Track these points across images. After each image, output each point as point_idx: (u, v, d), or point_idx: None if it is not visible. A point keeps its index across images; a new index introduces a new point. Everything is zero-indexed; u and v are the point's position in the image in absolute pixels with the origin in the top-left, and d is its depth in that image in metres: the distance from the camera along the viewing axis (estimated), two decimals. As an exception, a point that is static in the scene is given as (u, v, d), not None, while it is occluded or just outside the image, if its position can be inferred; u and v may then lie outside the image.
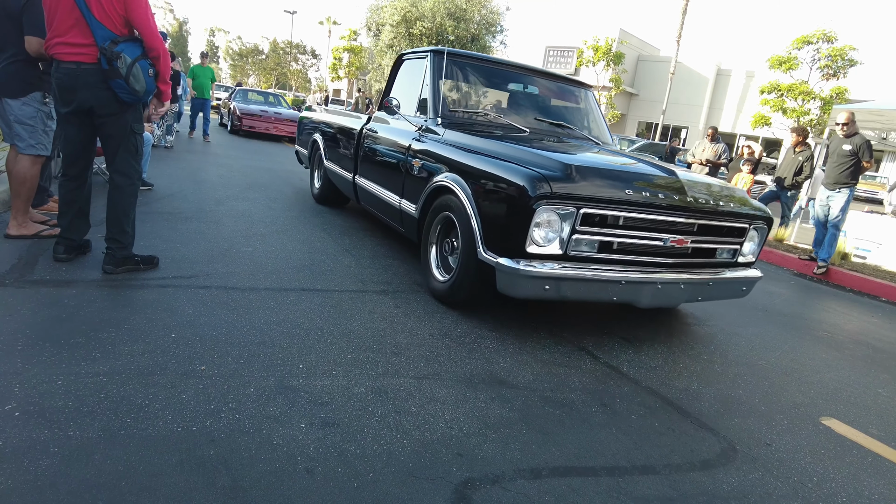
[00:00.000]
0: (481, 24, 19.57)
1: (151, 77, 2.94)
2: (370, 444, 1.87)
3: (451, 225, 3.29)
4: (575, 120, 4.58)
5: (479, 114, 4.17)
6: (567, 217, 2.70)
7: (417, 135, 3.88)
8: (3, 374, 1.94)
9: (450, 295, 3.26)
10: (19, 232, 3.43)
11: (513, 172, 2.81)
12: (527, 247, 2.70)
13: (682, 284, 3.03)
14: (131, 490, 1.50)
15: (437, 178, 3.36)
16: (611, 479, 1.89)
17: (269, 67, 53.36)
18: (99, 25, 2.81)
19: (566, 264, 2.75)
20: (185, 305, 2.77)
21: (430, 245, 3.52)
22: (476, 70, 4.35)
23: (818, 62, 22.53)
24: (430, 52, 4.18)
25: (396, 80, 4.71)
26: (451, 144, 3.48)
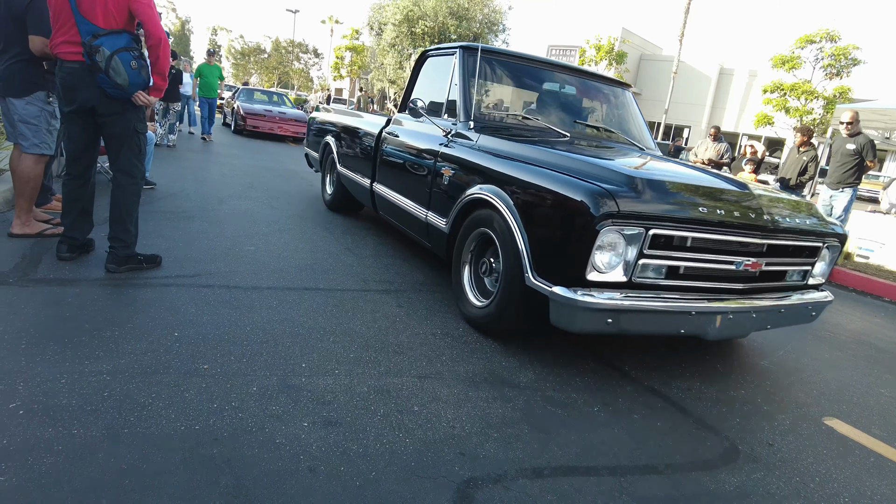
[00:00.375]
0: (483, 23, 19.56)
1: (135, 69, 2.84)
2: (373, 443, 1.87)
3: (489, 243, 2.98)
4: (616, 123, 4.23)
5: (513, 116, 3.81)
6: (634, 239, 2.34)
7: (446, 140, 3.53)
8: (7, 373, 1.95)
9: (489, 323, 2.89)
10: (23, 231, 3.44)
11: (570, 186, 2.44)
12: (587, 273, 2.34)
13: (753, 312, 2.68)
14: (135, 489, 1.51)
15: (472, 191, 3.03)
16: (613, 479, 1.89)
17: (272, 66, 53.40)
18: (83, 20, 2.79)
19: (630, 293, 2.41)
20: (187, 304, 2.78)
21: (463, 265, 3.18)
22: (510, 68, 3.97)
23: (821, 61, 22.48)
24: (459, 49, 3.79)
25: (419, 79, 4.32)
26: (488, 151, 3.12)
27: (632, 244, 2.36)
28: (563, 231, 2.45)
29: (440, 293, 3.57)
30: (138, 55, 2.88)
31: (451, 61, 3.83)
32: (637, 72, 31.87)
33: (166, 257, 3.41)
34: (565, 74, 4.14)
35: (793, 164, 7.80)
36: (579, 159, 2.73)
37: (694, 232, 2.44)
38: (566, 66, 4.25)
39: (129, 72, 2.82)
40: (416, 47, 19.12)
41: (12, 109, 3.35)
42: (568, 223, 2.41)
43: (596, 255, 2.34)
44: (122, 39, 2.83)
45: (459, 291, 3.19)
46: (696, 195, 2.56)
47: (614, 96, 4.33)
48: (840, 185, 6.46)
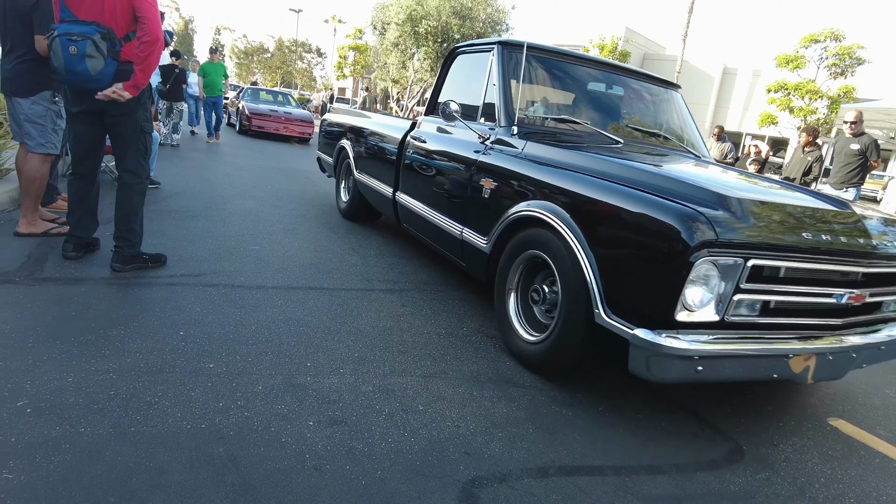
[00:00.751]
0: (487, 23, 19.55)
1: (74, 55, 2.74)
2: (378, 443, 1.88)
3: (540, 266, 2.66)
4: (667, 127, 3.83)
5: (559, 120, 3.35)
6: (731, 271, 1.99)
7: (483, 147, 3.16)
8: (15, 371, 1.96)
9: (544, 361, 2.52)
10: (29, 230, 3.46)
11: (657, 208, 2.04)
12: (676, 313, 1.97)
13: (853, 352, 2.30)
14: (142, 487, 1.52)
15: (521, 207, 2.68)
16: (618, 479, 1.89)
17: (275, 66, 53.48)
18: (67, 14, 2.78)
19: (722, 335, 2.06)
20: (193, 303, 2.79)
21: (509, 291, 2.81)
22: (552, 66, 3.49)
23: (826, 61, 22.42)
24: (497, 45, 3.38)
25: (448, 79, 3.92)
26: (538, 161, 2.75)
27: (728, 277, 2.00)
28: (647, 262, 2.06)
29: (444, 293, 3.58)
30: (92, 46, 2.75)
31: (487, 59, 3.42)
32: (640, 71, 31.80)
33: (171, 256, 3.42)
34: (613, 73, 3.74)
35: (797, 164, 7.78)
36: (659, 174, 2.31)
37: (797, 261, 2.10)
38: (614, 65, 3.82)
39: (65, 56, 2.74)
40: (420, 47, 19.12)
41: (18, 109, 3.37)
42: (655, 252, 2.03)
43: (687, 292, 1.97)
44: (82, 27, 2.76)
45: (504, 321, 2.82)
46: (799, 217, 2.21)
47: (664, 98, 3.94)
48: (844, 186, 6.44)
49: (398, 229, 5.08)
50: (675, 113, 3.93)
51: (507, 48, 3.35)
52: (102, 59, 2.79)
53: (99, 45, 2.77)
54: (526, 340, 2.66)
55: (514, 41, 3.39)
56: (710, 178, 2.56)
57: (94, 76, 2.80)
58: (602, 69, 3.72)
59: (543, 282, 2.66)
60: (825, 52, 22.31)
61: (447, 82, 3.94)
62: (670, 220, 1.98)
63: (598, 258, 2.24)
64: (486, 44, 3.53)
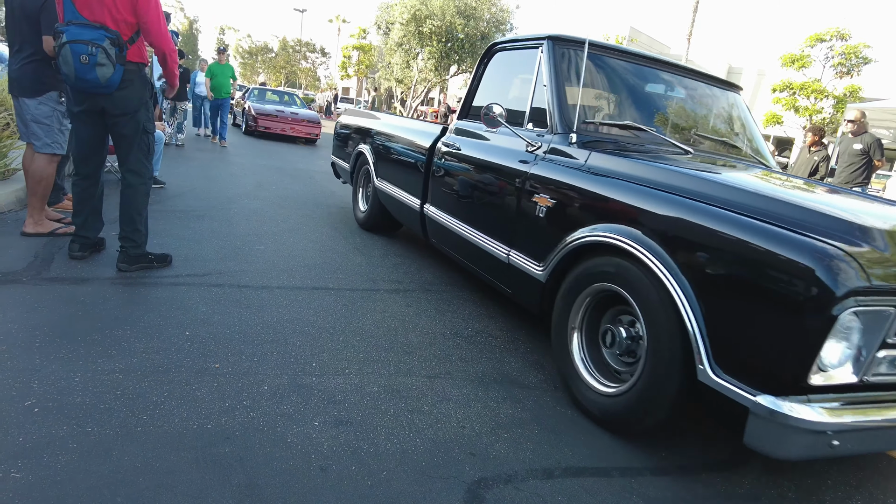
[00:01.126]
0: (491, 23, 19.54)
1: (85, 64, 2.75)
2: (383, 443, 1.88)
3: (612, 301, 2.27)
4: (732, 133, 3.46)
5: (621, 127, 2.90)
6: (879, 322, 1.63)
7: (533, 156, 2.76)
8: (22, 371, 1.97)
9: (627, 419, 2.10)
10: (35, 230, 3.48)
11: (786, 244, 1.64)
12: (810, 375, 1.60)
13: None
14: (149, 486, 1.52)
15: (589, 231, 2.27)
16: (623, 480, 1.89)
17: (279, 66, 53.57)
18: (74, 14, 2.78)
19: (859, 398, 1.71)
20: (198, 303, 2.80)
21: (572, 331, 2.39)
22: (607, 65, 3.04)
23: (831, 60, 22.31)
24: (547, 41, 2.95)
25: (485, 79, 3.53)
26: (609, 175, 2.32)
27: (874, 330, 1.63)
28: (775, 311, 1.66)
29: (449, 293, 3.58)
30: (103, 54, 2.77)
31: (534, 56, 3.01)
32: (645, 71, 31.76)
33: (177, 256, 3.43)
34: (674, 74, 3.30)
35: (803, 165, 7.75)
36: (775, 197, 1.86)
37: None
38: (674, 64, 3.35)
39: (76, 65, 2.75)
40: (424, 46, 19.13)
41: (25, 109, 3.38)
42: (786, 301, 1.63)
43: (827, 349, 1.59)
44: (91, 33, 2.76)
45: (566, 366, 2.40)
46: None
47: (726, 100, 3.54)
48: (849, 186, 6.41)
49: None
50: (737, 117, 3.54)
51: (558, 44, 2.93)
52: (112, 66, 2.82)
53: (109, 52, 2.79)
54: (598, 392, 2.22)
55: (568, 36, 2.97)
56: (831, 201, 2.10)
57: (104, 83, 2.83)
58: (662, 68, 3.26)
59: (617, 320, 2.27)
60: (831, 52, 22.21)
61: (483, 83, 3.55)
62: (807, 261, 1.56)
63: (702, 301, 1.81)
64: (532, 39, 3.11)
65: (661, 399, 1.96)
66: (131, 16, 2.87)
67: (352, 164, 5.17)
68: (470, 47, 19.08)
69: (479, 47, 19.32)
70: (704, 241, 1.85)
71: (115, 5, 2.81)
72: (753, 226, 1.74)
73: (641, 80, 3.21)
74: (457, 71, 20.71)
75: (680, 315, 1.85)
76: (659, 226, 2.01)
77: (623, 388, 2.13)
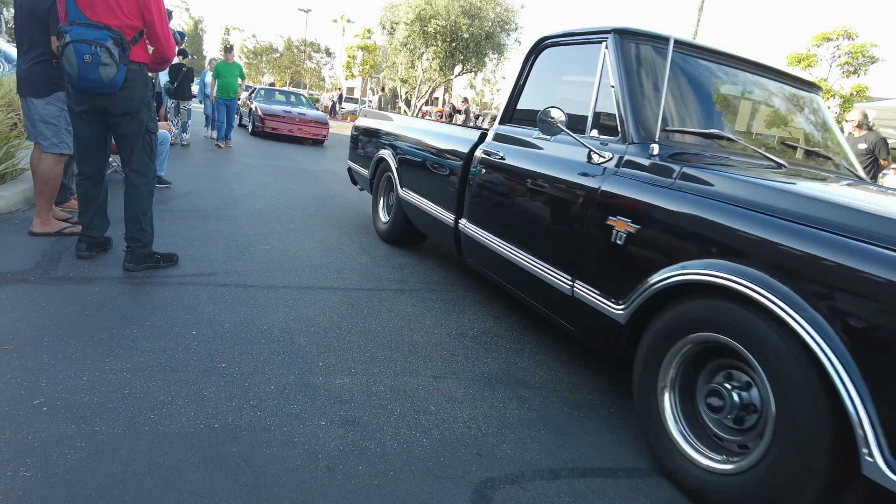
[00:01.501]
0: (496, 22, 19.52)
1: (89, 64, 2.75)
2: (390, 443, 1.88)
3: (714, 352, 1.89)
4: (819, 142, 3.03)
5: (705, 136, 2.46)
6: None
7: (599, 169, 2.36)
8: (30, 370, 1.98)
9: None
10: (43, 229, 3.49)
11: None
12: None
13: None
14: (156, 485, 1.53)
15: (691, 268, 1.84)
16: (630, 481, 1.88)
17: (284, 66, 53.70)
18: (77, 13, 2.77)
19: None
20: (205, 303, 2.80)
21: (662, 390, 1.98)
22: (686, 63, 2.59)
23: (838, 59, 22.21)
24: (612, 35, 2.53)
25: (532, 78, 3.13)
26: (710, 197, 1.90)
27: None
28: None
29: (454, 293, 3.57)
30: (106, 53, 2.77)
31: (596, 53, 2.60)
32: (650, 70, 31.65)
33: (183, 256, 3.45)
34: (755, 72, 2.84)
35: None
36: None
37: None
38: (756, 63, 2.86)
39: (80, 64, 2.75)
40: (428, 46, 19.13)
41: (33, 109, 3.40)
42: None
43: None
44: (94, 33, 2.76)
45: (656, 431, 1.98)
46: None
47: (808, 104, 3.09)
48: None
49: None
50: (822, 122, 3.11)
51: (627, 38, 2.50)
52: (115, 65, 2.82)
53: (112, 51, 2.79)
54: (704, 468, 1.80)
55: (639, 30, 2.55)
56: None
57: (107, 83, 2.83)
58: (745, 67, 2.80)
59: (720, 377, 1.87)
60: (838, 51, 22.10)
61: (530, 83, 3.13)
62: None
63: (864, 366, 1.41)
64: (593, 33, 2.69)
65: (801, 487, 1.52)
66: (136, 17, 2.89)
67: (372, 170, 4.72)
68: (475, 47, 19.08)
69: (483, 47, 19.31)
70: (866, 289, 1.43)
71: (119, 6, 2.82)
72: None
73: (720, 81, 2.78)
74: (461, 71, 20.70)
75: (826, 381, 1.46)
76: (794, 265, 1.59)
77: (741, 465, 1.70)
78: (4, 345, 2.12)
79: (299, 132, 13.07)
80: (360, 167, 5.13)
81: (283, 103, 14.47)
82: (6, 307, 2.44)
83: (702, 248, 1.86)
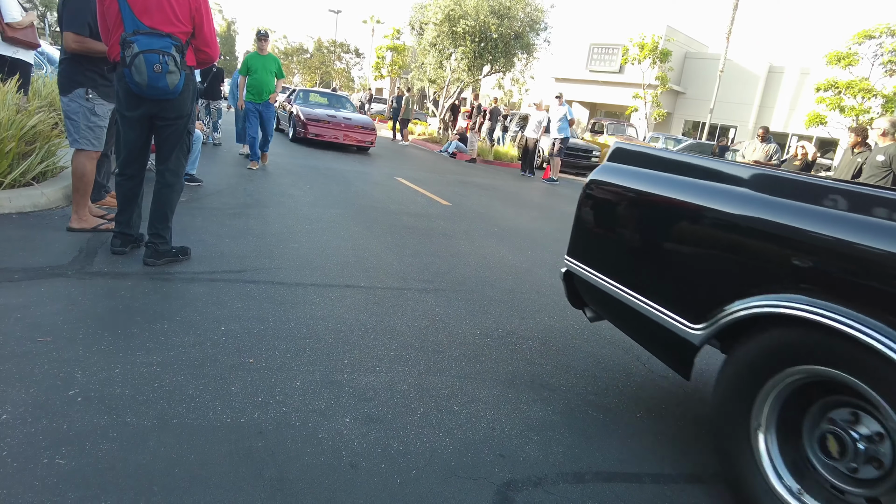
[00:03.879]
0: (525, 22, 19.40)
1: (158, 73, 2.85)
2: (413, 442, 1.88)
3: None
4: None
5: None
6: None
7: None
8: (66, 361, 2.04)
9: None
10: (80, 225, 3.59)
11: None
12: None
13: None
14: (184, 477, 1.56)
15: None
16: (656, 487, 1.85)
17: (314, 66, 54.35)
18: (132, 18, 2.84)
19: None
20: (234, 299, 2.85)
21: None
22: None
23: (880, 58, 21.49)
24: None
25: None
26: None
27: None
28: None
29: (479, 293, 3.56)
30: (172, 61, 2.88)
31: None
32: (681, 70, 31.10)
33: (213, 253, 3.51)
34: None
35: (846, 167, 7.45)
36: None
37: None
38: None
39: (150, 73, 2.84)
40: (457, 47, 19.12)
41: (62, 106, 3.50)
42: None
43: None
44: (160, 42, 2.85)
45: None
46: None
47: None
48: None
49: (428, 228, 5.08)
50: None
51: None
52: (179, 72, 2.93)
53: (176, 59, 2.90)
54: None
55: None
56: None
57: (171, 90, 2.94)
58: None
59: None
60: (880, 49, 21.38)
61: None
62: None
63: None
64: None
65: None
66: (188, 23, 2.97)
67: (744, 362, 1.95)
68: (504, 47, 19.00)
69: (512, 47, 19.22)
70: None
71: (174, 12, 2.90)
72: None
73: None
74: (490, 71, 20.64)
75: None
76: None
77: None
78: (43, 336, 2.19)
79: (345, 139, 11.90)
80: (626, 291, 2.19)
81: (326, 106, 13.26)
82: (45, 300, 2.52)
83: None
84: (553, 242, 5.54)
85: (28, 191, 3.91)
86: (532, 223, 6.54)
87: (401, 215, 5.70)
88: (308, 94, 13.95)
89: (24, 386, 1.85)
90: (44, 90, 5.60)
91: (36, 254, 3.07)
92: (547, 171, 12.35)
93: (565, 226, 6.70)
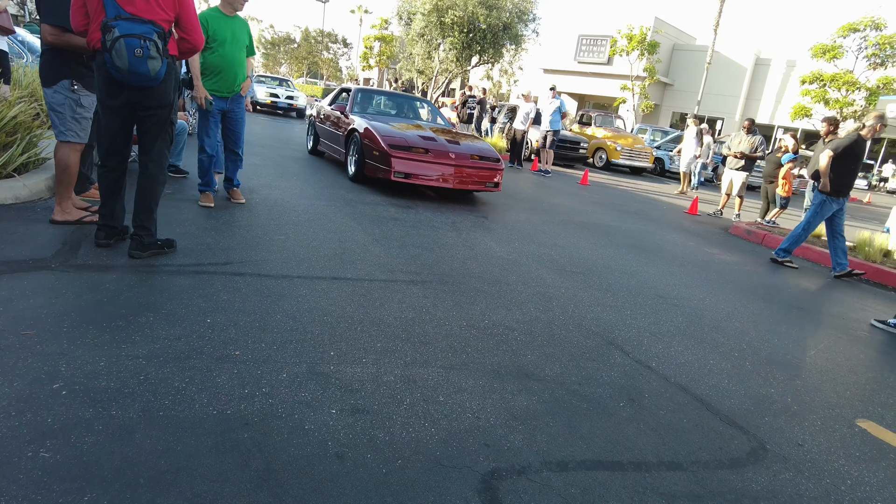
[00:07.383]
0: (513, 13, 19.35)
1: (139, 58, 2.81)
2: (399, 432, 1.90)
3: None
4: None
5: None
6: None
7: None
8: (51, 355, 2.03)
9: None
10: (64, 218, 3.56)
11: None
12: None
13: None
14: (170, 469, 1.57)
15: None
16: (637, 474, 1.89)
17: (301, 56, 53.83)
18: (113, 5, 2.81)
19: None
20: (219, 291, 2.85)
21: None
22: None
23: (865, 51, 21.71)
24: None
25: None
26: None
27: None
28: None
29: (466, 284, 3.59)
30: (154, 47, 2.84)
31: None
32: (669, 62, 31.21)
33: (198, 245, 3.50)
34: None
35: (818, 154, 7.53)
36: None
37: None
38: None
39: (130, 58, 2.80)
40: (445, 37, 19.04)
41: (45, 98, 3.46)
42: None
43: None
44: (141, 27, 2.81)
45: None
46: None
47: None
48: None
49: (415, 220, 5.08)
50: None
51: None
52: (160, 59, 2.90)
53: (158, 45, 2.86)
54: None
55: None
56: None
57: (153, 76, 2.91)
58: None
59: None
60: (864, 42, 21.60)
61: None
62: None
63: None
64: None
65: None
66: (171, 10, 2.95)
67: None
68: (492, 38, 18.94)
69: (500, 38, 19.17)
70: None
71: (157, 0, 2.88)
72: None
73: None
74: (478, 62, 20.58)
75: None
76: None
77: None
78: (26, 330, 2.17)
79: (457, 183, 6.42)
80: None
81: (399, 118, 7.87)
82: (28, 293, 2.50)
83: None
84: (540, 234, 5.57)
85: (9, 183, 3.86)
86: (519, 214, 6.56)
87: (387, 206, 5.69)
88: (369, 98, 8.21)
89: (8, 380, 1.85)
90: (24, 80, 5.50)
91: (18, 246, 3.04)
92: (535, 163, 12.37)
93: (554, 217, 6.73)
